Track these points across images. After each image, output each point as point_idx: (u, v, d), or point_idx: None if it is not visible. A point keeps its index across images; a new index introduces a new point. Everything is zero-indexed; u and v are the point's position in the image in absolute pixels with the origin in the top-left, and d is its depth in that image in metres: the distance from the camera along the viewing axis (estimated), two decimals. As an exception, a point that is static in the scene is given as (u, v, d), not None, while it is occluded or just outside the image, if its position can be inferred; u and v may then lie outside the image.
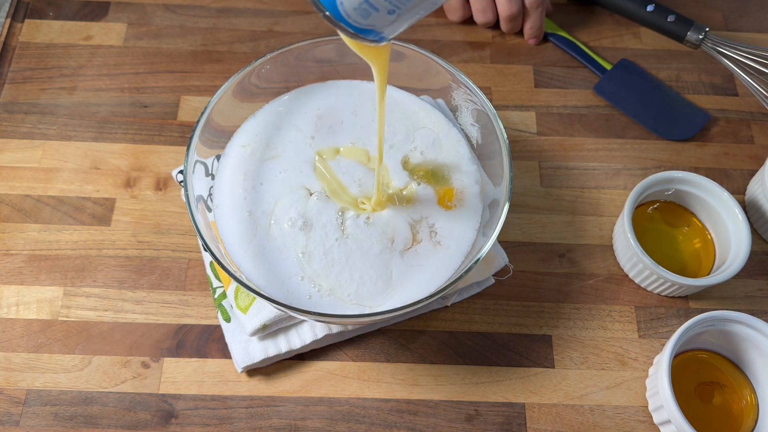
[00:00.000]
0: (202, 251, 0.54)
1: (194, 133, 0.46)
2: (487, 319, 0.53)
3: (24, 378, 0.49)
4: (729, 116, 0.63)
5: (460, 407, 0.50)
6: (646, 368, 0.51)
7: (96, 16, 0.66)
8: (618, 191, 0.58)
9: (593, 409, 0.50)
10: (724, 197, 0.54)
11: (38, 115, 0.60)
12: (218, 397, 0.49)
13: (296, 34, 0.66)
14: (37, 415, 0.48)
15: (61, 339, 0.51)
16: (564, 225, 0.57)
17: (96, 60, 0.63)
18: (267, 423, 0.49)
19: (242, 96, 0.50)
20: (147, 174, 0.58)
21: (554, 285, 0.54)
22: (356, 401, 0.50)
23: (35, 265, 0.54)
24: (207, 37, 0.65)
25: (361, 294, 0.44)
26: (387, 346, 0.52)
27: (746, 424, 0.49)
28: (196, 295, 0.53)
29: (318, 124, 0.50)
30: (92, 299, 0.52)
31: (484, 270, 0.52)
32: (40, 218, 0.55)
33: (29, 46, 0.64)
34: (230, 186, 0.48)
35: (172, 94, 0.62)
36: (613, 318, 0.53)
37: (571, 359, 0.52)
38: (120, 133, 0.60)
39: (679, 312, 0.54)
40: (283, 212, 0.46)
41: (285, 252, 0.45)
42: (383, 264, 0.45)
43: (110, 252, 0.54)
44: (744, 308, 0.51)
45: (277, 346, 0.49)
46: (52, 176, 0.57)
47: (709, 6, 0.70)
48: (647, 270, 0.52)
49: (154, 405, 0.49)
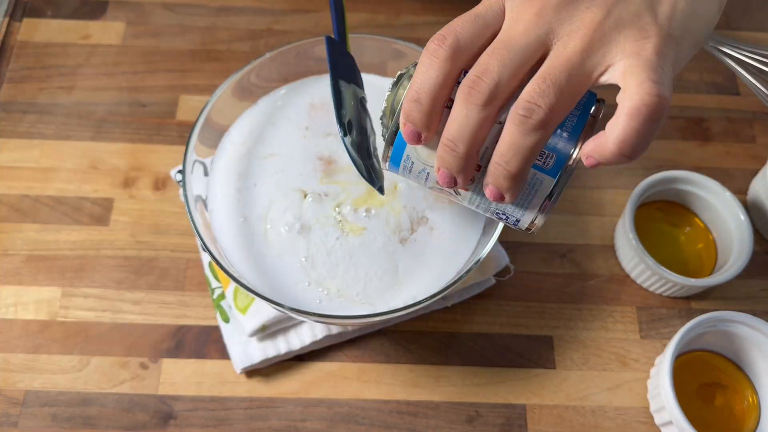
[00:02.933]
0: (201, 251, 0.54)
1: (193, 132, 0.45)
2: (487, 319, 0.53)
3: (22, 379, 0.49)
4: (731, 116, 0.63)
5: (461, 408, 0.50)
6: (647, 369, 0.51)
7: (94, 15, 0.66)
8: (620, 191, 0.58)
9: (594, 410, 0.50)
10: (726, 197, 0.53)
11: (36, 114, 0.60)
12: (217, 398, 0.49)
13: (295, 33, 0.66)
14: (36, 416, 0.48)
15: (60, 340, 0.51)
16: (565, 225, 0.57)
17: (94, 59, 0.63)
18: (266, 424, 0.48)
19: (241, 95, 0.49)
20: (145, 174, 0.57)
21: (555, 285, 0.54)
22: (356, 402, 0.49)
23: (33, 265, 0.53)
24: (206, 36, 0.65)
25: (369, 292, 0.44)
26: (387, 347, 0.51)
27: (748, 425, 0.49)
28: (195, 295, 0.53)
29: (312, 114, 0.50)
30: (90, 300, 0.52)
31: (484, 270, 0.52)
32: (38, 218, 0.55)
33: (27, 45, 0.64)
34: (224, 187, 0.47)
35: (171, 94, 0.62)
36: (614, 318, 0.53)
37: (572, 360, 0.51)
38: (118, 132, 0.59)
39: (680, 312, 0.53)
40: (278, 216, 0.46)
41: (286, 258, 0.45)
42: (388, 257, 0.45)
43: (108, 252, 0.54)
44: (746, 309, 0.51)
45: (276, 347, 0.49)
46: (50, 176, 0.57)
47: (710, 5, 0.70)
48: (649, 270, 0.52)
49: (152, 406, 0.49)
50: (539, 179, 0.33)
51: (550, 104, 0.29)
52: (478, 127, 0.31)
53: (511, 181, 0.32)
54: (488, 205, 0.36)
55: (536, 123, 0.30)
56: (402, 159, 0.36)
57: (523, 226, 0.37)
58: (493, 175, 0.32)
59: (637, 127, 0.29)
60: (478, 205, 0.36)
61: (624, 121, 0.29)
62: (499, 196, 0.33)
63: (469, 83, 0.31)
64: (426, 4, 0.68)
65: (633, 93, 0.29)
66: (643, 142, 0.30)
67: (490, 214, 0.37)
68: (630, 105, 0.29)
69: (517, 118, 0.30)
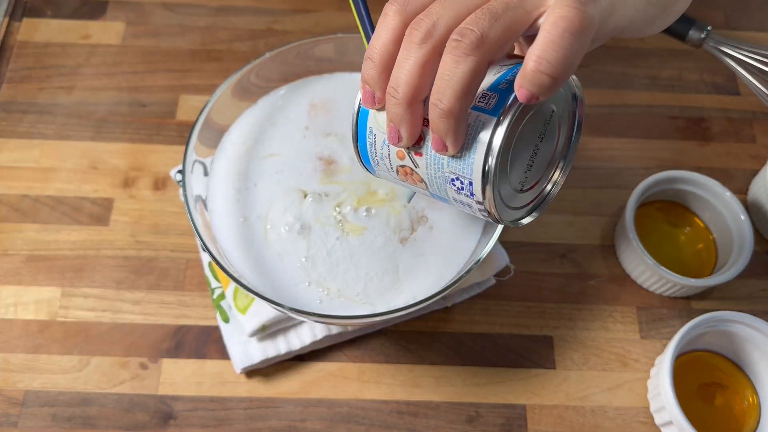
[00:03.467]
0: (201, 252, 0.54)
1: (193, 132, 0.45)
2: (487, 319, 0.53)
3: (22, 379, 0.49)
4: (731, 116, 0.63)
5: (461, 408, 0.50)
6: (647, 369, 0.51)
7: (94, 15, 0.66)
8: (620, 191, 0.58)
9: (594, 411, 0.50)
10: (726, 197, 0.53)
11: (36, 114, 0.60)
12: (217, 398, 0.49)
13: (295, 33, 0.66)
14: (36, 416, 0.48)
15: (60, 340, 0.51)
16: (565, 225, 0.57)
17: (94, 59, 0.63)
18: (266, 424, 0.48)
19: (241, 95, 0.49)
20: (145, 174, 0.57)
21: (555, 285, 0.54)
22: (356, 402, 0.49)
23: (33, 265, 0.53)
24: (206, 36, 0.65)
25: (370, 292, 0.44)
26: (387, 347, 0.51)
27: (748, 425, 0.49)
28: (195, 295, 0.53)
29: (311, 114, 0.50)
30: (90, 300, 0.52)
31: (484, 270, 0.52)
32: (38, 218, 0.55)
33: (27, 45, 0.64)
34: (224, 187, 0.47)
35: (171, 94, 0.62)
36: (614, 318, 0.53)
37: (572, 360, 0.51)
38: (118, 132, 0.59)
39: (681, 312, 0.53)
40: (278, 217, 0.46)
41: (286, 258, 0.45)
42: (388, 257, 0.45)
43: (108, 252, 0.54)
44: (746, 309, 0.51)
45: (276, 347, 0.49)
46: (50, 176, 0.57)
47: (710, 5, 0.70)
48: (649, 270, 0.52)
49: (152, 406, 0.49)
50: (481, 121, 0.32)
51: (483, 28, 0.29)
52: (415, 67, 0.30)
53: (448, 119, 0.30)
54: (442, 169, 0.34)
55: (467, 45, 0.28)
56: (366, 143, 0.35)
57: (478, 190, 0.33)
58: (432, 119, 0.31)
59: (553, 40, 0.28)
60: (434, 174, 0.34)
61: (541, 36, 0.28)
62: (441, 144, 0.31)
63: (411, 25, 0.30)
64: (426, 4, 0.68)
65: (552, 9, 0.28)
66: (563, 58, 0.28)
67: (448, 186, 0.35)
68: (548, 21, 0.28)
69: (450, 44, 0.29)
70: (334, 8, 0.67)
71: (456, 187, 0.34)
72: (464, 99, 0.30)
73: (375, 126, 0.35)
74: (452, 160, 0.33)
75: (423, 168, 0.35)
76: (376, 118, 0.35)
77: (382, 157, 0.36)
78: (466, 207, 0.35)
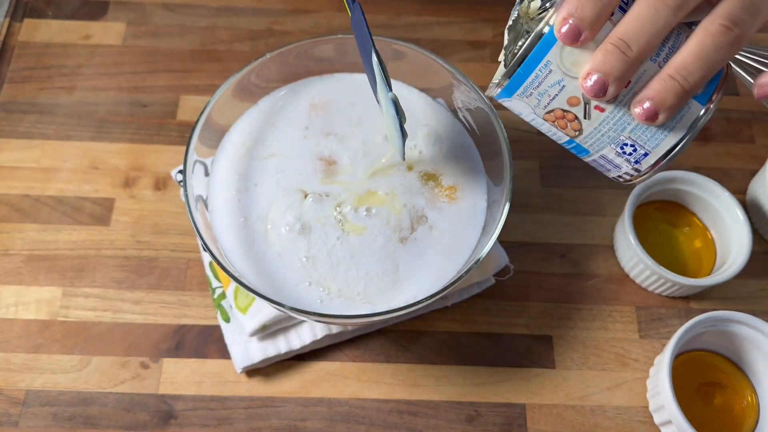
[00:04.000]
0: (201, 251, 0.54)
1: (193, 132, 0.45)
2: (487, 319, 0.53)
3: (23, 378, 0.49)
4: (730, 116, 0.63)
5: (461, 408, 0.50)
6: (646, 369, 0.51)
7: (95, 16, 0.66)
8: (619, 191, 0.58)
9: (594, 410, 0.50)
10: (725, 197, 0.53)
11: (37, 114, 0.60)
12: (217, 397, 0.49)
13: (295, 33, 0.66)
14: (36, 416, 0.48)
15: (60, 339, 0.51)
16: (565, 225, 0.57)
17: (95, 59, 0.63)
18: (266, 424, 0.48)
19: (242, 95, 0.49)
20: (146, 174, 0.58)
21: (555, 285, 0.54)
22: (356, 402, 0.50)
23: (34, 265, 0.53)
24: (206, 36, 0.65)
25: (370, 291, 0.44)
26: (387, 346, 0.52)
27: (747, 425, 0.49)
28: (196, 295, 0.53)
29: (312, 114, 0.50)
30: (91, 299, 0.52)
31: (484, 270, 0.52)
32: (39, 218, 0.55)
33: (28, 46, 0.64)
34: (224, 187, 0.47)
35: (171, 94, 0.62)
36: (613, 318, 0.53)
37: (571, 360, 0.52)
38: (119, 132, 0.59)
39: (680, 312, 0.54)
40: (279, 217, 0.46)
41: (287, 258, 0.45)
42: (388, 257, 0.45)
43: (109, 252, 0.54)
44: (745, 308, 0.51)
45: (277, 346, 0.49)
46: (51, 176, 0.57)
47: (709, 5, 0.70)
48: (648, 270, 0.52)
49: (153, 405, 0.49)
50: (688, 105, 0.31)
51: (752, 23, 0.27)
52: (663, 31, 0.28)
53: (681, 98, 0.29)
54: (620, 131, 0.32)
55: (735, 37, 0.27)
56: (532, 73, 0.32)
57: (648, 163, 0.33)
58: (659, 90, 0.29)
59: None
60: (605, 131, 0.33)
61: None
62: (653, 115, 0.30)
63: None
64: (426, 4, 0.68)
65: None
66: None
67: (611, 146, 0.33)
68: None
69: (717, 27, 0.28)
70: (334, 9, 0.67)
71: (623, 151, 0.33)
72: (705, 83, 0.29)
73: (556, 62, 0.32)
74: (639, 129, 0.32)
75: (595, 122, 0.33)
76: (561, 54, 0.32)
77: (542, 94, 0.33)
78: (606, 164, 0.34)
